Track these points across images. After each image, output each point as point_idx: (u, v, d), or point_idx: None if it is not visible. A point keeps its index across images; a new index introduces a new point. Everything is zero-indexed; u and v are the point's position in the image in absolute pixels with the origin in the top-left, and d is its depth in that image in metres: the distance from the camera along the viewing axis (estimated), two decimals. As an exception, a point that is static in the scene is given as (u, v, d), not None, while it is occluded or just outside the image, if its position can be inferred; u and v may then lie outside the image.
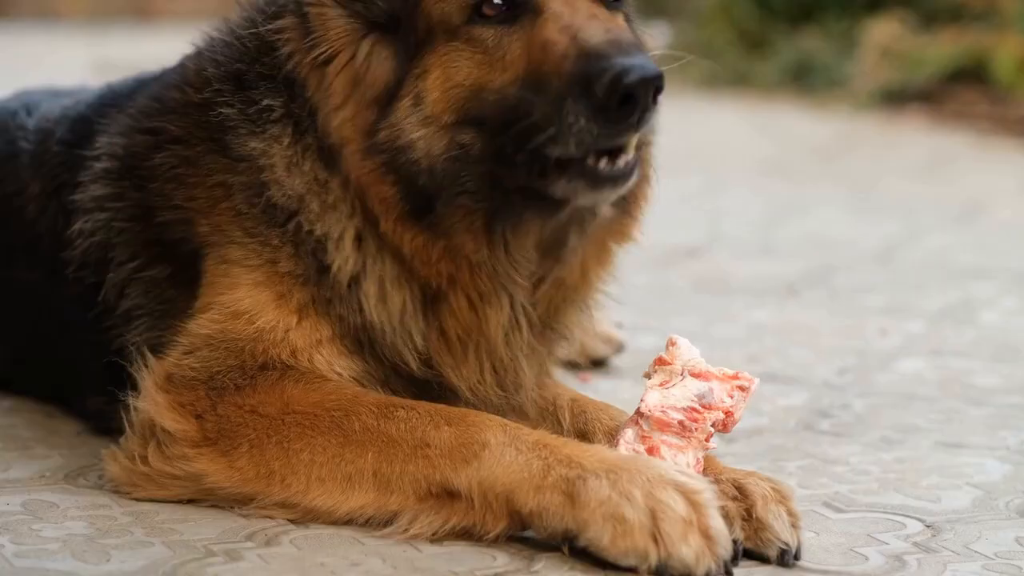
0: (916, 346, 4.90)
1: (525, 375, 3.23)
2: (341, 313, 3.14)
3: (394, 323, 3.14)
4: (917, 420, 4.00)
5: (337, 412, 3.00)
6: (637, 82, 2.82)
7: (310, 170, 3.14)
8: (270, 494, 2.99)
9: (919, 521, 3.18)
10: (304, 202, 3.14)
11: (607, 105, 2.83)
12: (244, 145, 3.19)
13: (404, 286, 3.13)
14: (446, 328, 3.15)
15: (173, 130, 3.32)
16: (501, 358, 3.19)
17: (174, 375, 3.11)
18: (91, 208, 3.41)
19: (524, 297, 3.17)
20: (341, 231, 3.13)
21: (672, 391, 2.98)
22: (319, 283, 3.14)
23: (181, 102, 3.35)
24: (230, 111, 3.22)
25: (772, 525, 2.88)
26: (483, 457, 2.86)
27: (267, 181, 3.16)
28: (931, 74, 11.56)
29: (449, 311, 3.14)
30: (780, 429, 3.90)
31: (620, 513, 2.71)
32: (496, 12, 3.02)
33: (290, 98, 3.16)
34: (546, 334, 3.28)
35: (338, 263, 3.12)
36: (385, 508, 2.92)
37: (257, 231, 3.17)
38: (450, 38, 3.03)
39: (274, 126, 3.18)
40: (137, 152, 3.37)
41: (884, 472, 3.52)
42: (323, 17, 3.11)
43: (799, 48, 12.87)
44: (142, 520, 3.01)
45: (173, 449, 3.05)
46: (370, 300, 3.13)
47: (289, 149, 3.16)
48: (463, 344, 3.16)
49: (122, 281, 3.35)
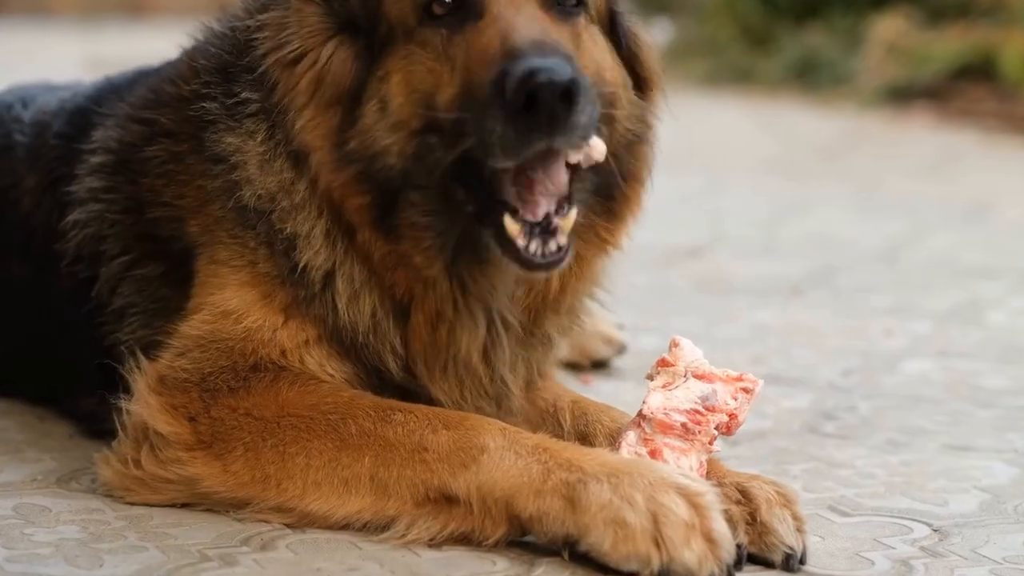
0: (922, 347, 4.89)
1: (510, 388, 3.22)
2: (320, 314, 3.14)
3: (367, 323, 3.13)
4: (923, 422, 4.00)
5: (333, 415, 3.00)
6: (544, 84, 2.76)
7: (281, 168, 3.14)
8: (266, 498, 2.99)
9: (926, 525, 3.17)
10: (276, 201, 3.14)
11: (516, 106, 2.78)
12: (220, 142, 3.20)
13: (374, 290, 3.12)
14: (414, 345, 3.15)
15: (165, 123, 3.34)
16: (479, 376, 3.18)
17: (167, 377, 3.11)
18: (85, 199, 3.42)
19: (507, 309, 3.16)
20: (310, 228, 3.12)
21: (675, 393, 2.98)
22: (295, 283, 3.14)
23: (173, 95, 3.36)
24: (212, 105, 3.23)
25: (777, 529, 2.87)
26: (482, 461, 2.85)
27: (239, 180, 3.16)
28: (937, 71, 11.55)
29: (413, 329, 3.14)
30: (784, 432, 3.89)
31: (621, 517, 2.71)
32: (445, 11, 2.99)
33: (267, 96, 3.15)
34: (530, 340, 3.28)
35: (307, 259, 3.12)
36: (382, 513, 2.92)
37: (236, 232, 3.19)
38: (407, 39, 3.02)
39: (249, 120, 3.18)
40: (131, 143, 3.38)
41: (890, 475, 3.51)
42: (301, 13, 3.11)
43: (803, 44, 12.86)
44: (135, 524, 3.00)
45: (166, 452, 3.04)
46: (342, 298, 3.12)
47: (262, 145, 3.16)
48: (432, 363, 3.16)
49: (115, 277, 3.35)
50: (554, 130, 2.82)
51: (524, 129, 2.80)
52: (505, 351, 3.19)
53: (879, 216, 7.62)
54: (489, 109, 2.82)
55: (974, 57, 11.46)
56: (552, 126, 2.81)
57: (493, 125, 2.82)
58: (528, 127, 2.80)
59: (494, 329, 3.16)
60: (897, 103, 11.59)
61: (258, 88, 3.17)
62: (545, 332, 3.30)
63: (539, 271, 2.95)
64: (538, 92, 2.77)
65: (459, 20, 2.97)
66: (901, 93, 11.64)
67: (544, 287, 3.19)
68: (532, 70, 2.77)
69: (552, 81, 2.77)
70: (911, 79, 11.65)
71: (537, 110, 2.78)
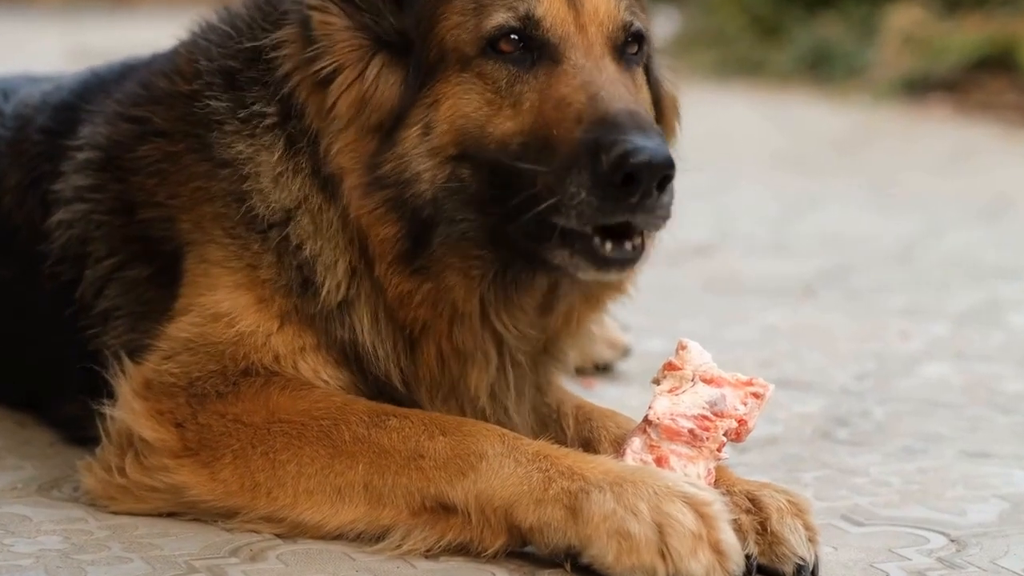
0: (939, 350, 4.89)
1: (512, 417, 3.23)
2: (327, 328, 3.14)
3: (387, 349, 3.14)
4: (941, 428, 4.00)
5: (326, 421, 2.99)
6: (644, 164, 2.79)
7: (300, 189, 3.13)
8: (255, 507, 2.99)
9: (943, 535, 3.17)
10: (292, 216, 3.13)
11: (610, 180, 2.80)
12: (230, 147, 3.18)
13: (389, 323, 3.13)
14: (421, 375, 3.16)
15: (158, 122, 3.32)
16: (483, 409, 3.19)
17: (152, 381, 3.11)
18: (71, 199, 3.42)
19: (519, 346, 3.17)
20: (335, 259, 3.12)
21: (682, 398, 2.98)
22: (303, 296, 3.14)
23: (169, 92, 3.35)
24: (219, 105, 3.21)
25: (788, 539, 2.87)
26: (480, 469, 2.85)
27: (249, 191, 3.16)
28: (955, 62, 11.56)
29: (422, 361, 3.14)
30: (796, 438, 3.89)
31: (625, 528, 2.70)
32: (513, 49, 3.00)
33: (285, 115, 3.13)
34: (542, 359, 3.29)
35: (328, 286, 3.12)
36: (377, 522, 2.92)
37: (237, 233, 3.18)
38: (462, 68, 3.02)
39: (266, 134, 3.16)
40: (120, 142, 3.37)
41: (906, 483, 3.51)
42: (329, 27, 3.08)
43: (816, 35, 12.88)
44: (120, 534, 3.00)
45: (152, 460, 3.04)
46: (364, 324, 3.13)
47: (280, 164, 3.14)
48: (435, 392, 3.17)
49: (100, 279, 3.35)
50: (642, 210, 2.85)
51: (611, 202, 2.83)
52: (511, 388, 3.21)
53: (894, 213, 7.62)
54: (574, 172, 2.84)
55: (993, 48, 11.47)
56: (642, 206, 2.84)
57: (577, 190, 2.84)
58: (616, 201, 2.83)
59: (504, 366, 3.18)
60: (913, 95, 11.60)
61: (273, 103, 3.15)
62: (561, 350, 3.33)
63: (612, 270, 2.96)
64: (638, 174, 2.79)
65: (529, 60, 2.99)
66: (917, 85, 11.65)
67: (552, 321, 3.20)
68: (635, 149, 2.79)
69: (653, 165, 2.80)
70: (927, 71, 11.66)
71: (631, 190, 2.81)
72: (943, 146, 10.00)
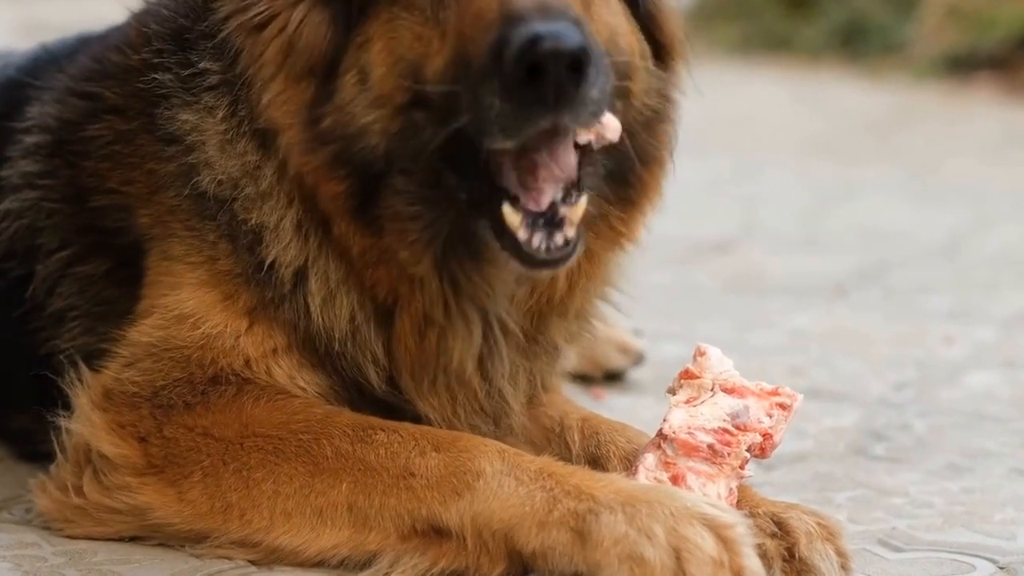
0: (986, 357, 4.90)
1: (510, 403, 3.23)
2: (290, 318, 3.14)
3: (344, 328, 3.13)
4: (988, 443, 4.01)
5: (305, 435, 3.00)
6: (548, 51, 2.74)
7: (244, 150, 3.14)
8: (227, 531, 2.99)
9: (990, 562, 3.18)
10: (239, 187, 3.15)
11: (516, 77, 2.77)
12: (174, 119, 3.20)
13: (353, 290, 3.13)
14: (398, 354, 3.16)
15: (111, 97, 3.34)
16: (474, 389, 3.19)
17: (113, 391, 3.11)
18: (19, 186, 3.43)
19: (506, 313, 3.17)
20: (278, 219, 3.12)
21: (701, 409, 2.98)
22: (261, 282, 3.14)
23: (120, 65, 3.36)
24: (165, 76, 3.23)
25: (818, 567, 2.87)
26: (477, 488, 2.85)
27: (196, 164, 3.17)
28: (1004, 37, 11.59)
29: (398, 336, 3.14)
30: (827, 454, 3.90)
31: (639, 553, 2.71)
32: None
33: (227, 67, 3.15)
34: (533, 349, 3.28)
35: (275, 254, 3.12)
36: (362, 547, 2.92)
37: (192, 224, 3.19)
38: (391, 2, 3.01)
39: (208, 94, 3.18)
40: (71, 120, 3.39)
41: (949, 504, 3.52)
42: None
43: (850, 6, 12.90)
44: (77, 561, 3.00)
45: (112, 478, 3.04)
46: (316, 300, 3.13)
47: (223, 123, 3.16)
48: (420, 374, 3.17)
49: (53, 275, 3.36)
50: (560, 105, 2.81)
51: (526, 104, 2.79)
52: (504, 361, 3.19)
53: (937, 204, 7.63)
54: (485, 81, 2.81)
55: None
56: (558, 101, 2.80)
57: (490, 100, 2.81)
58: (530, 102, 2.79)
59: (491, 336, 3.16)
60: (957, 74, 11.62)
61: (219, 57, 3.17)
62: (550, 339, 3.30)
63: (543, 268, 2.95)
64: (542, 62, 2.76)
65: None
66: (962, 63, 11.67)
67: (550, 287, 3.19)
68: (535, 36, 2.75)
69: (558, 49, 2.75)
70: (973, 47, 11.68)
71: (541, 82, 2.77)
72: (991, 130, 10.02)
